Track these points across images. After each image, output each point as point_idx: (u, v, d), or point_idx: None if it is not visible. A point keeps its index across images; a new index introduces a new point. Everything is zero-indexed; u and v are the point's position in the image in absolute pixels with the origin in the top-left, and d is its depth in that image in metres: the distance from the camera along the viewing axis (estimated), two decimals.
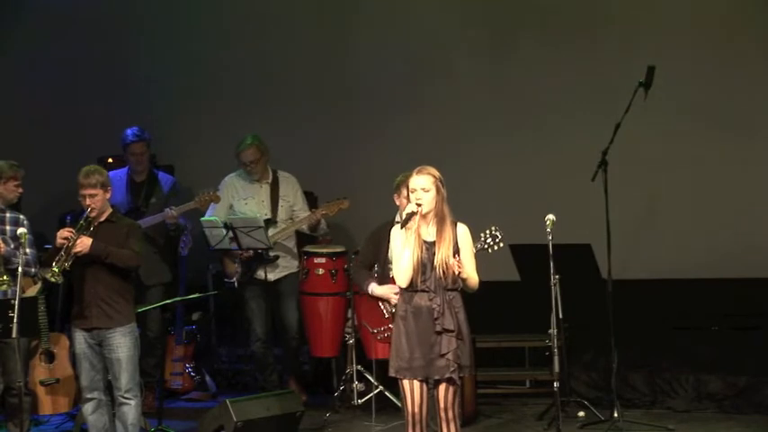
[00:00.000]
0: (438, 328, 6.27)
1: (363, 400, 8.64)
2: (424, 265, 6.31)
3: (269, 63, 10.53)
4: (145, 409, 7.96)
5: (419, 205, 6.29)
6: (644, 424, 8.28)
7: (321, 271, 9.06)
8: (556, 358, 7.33)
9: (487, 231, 7.36)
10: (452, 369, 6.27)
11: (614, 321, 8.22)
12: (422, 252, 6.30)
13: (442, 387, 6.32)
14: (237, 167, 9.26)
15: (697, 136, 9.61)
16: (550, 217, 7.41)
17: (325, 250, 9.16)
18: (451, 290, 6.35)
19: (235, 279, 9.13)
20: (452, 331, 6.28)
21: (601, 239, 8.25)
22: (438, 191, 6.32)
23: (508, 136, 10.00)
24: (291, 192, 9.25)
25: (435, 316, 6.27)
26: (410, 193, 6.34)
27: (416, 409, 6.34)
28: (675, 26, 9.65)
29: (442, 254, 6.29)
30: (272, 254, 9.03)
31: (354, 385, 8.68)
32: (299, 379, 9.40)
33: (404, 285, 6.34)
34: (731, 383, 8.84)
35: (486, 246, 7.34)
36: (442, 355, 6.27)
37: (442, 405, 6.32)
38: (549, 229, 7.39)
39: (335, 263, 9.06)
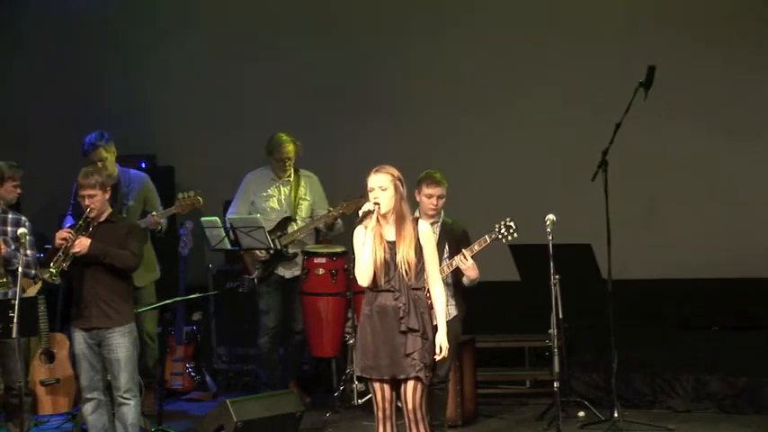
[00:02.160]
0: (403, 328, 6.26)
1: (363, 400, 8.63)
2: (388, 265, 6.29)
3: (270, 63, 10.53)
4: (145, 410, 7.98)
5: (377, 204, 6.29)
6: (644, 424, 8.28)
7: (321, 271, 9.05)
8: (556, 358, 7.34)
9: (502, 222, 7.37)
10: (418, 368, 6.24)
11: (614, 321, 8.22)
12: (384, 252, 6.29)
13: (410, 387, 6.28)
14: (261, 164, 9.23)
15: (697, 136, 9.62)
16: (550, 217, 7.42)
17: (325, 250, 9.16)
18: (416, 289, 6.33)
19: (255, 276, 9.13)
20: (417, 331, 6.27)
21: (601, 239, 8.24)
22: (396, 189, 6.31)
23: (508, 136, 10.00)
24: (312, 190, 9.25)
25: (401, 315, 6.26)
26: (368, 192, 6.34)
27: (386, 405, 6.35)
28: (676, 26, 9.65)
29: (404, 252, 6.28)
30: (291, 251, 9.04)
31: (354, 385, 8.66)
32: (299, 381, 9.40)
33: (365, 284, 6.32)
34: (731, 383, 8.83)
35: (500, 236, 7.35)
36: (408, 355, 6.26)
37: (409, 406, 6.29)
38: (549, 229, 7.40)
39: (335, 263, 9.05)
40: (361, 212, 6.30)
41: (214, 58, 10.67)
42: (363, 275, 6.31)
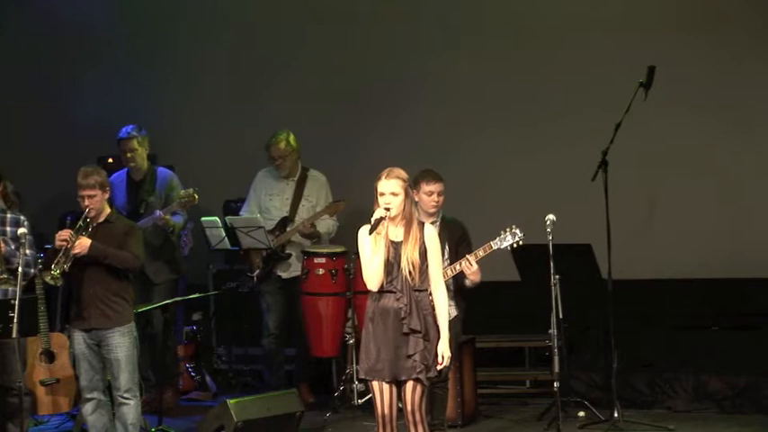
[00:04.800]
0: (405, 329, 6.25)
1: (363, 400, 8.63)
2: (391, 266, 6.30)
3: (270, 63, 10.53)
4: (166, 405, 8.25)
5: (387, 209, 6.29)
6: (644, 424, 8.28)
7: (321, 271, 9.05)
8: (556, 358, 7.34)
9: (508, 230, 7.37)
10: (419, 370, 6.24)
11: (614, 321, 8.22)
12: (389, 253, 6.30)
13: (409, 389, 6.28)
14: (260, 165, 9.27)
15: (697, 135, 9.61)
16: (550, 217, 7.43)
17: (325, 250, 9.16)
18: (419, 291, 6.33)
19: (255, 274, 9.14)
20: (419, 332, 6.26)
21: (601, 239, 8.24)
22: (407, 194, 6.32)
23: (508, 136, 10.00)
24: (316, 192, 9.23)
25: (402, 316, 6.26)
26: (379, 197, 6.33)
27: (386, 410, 6.34)
28: (675, 25, 9.65)
29: (408, 254, 6.28)
30: (286, 251, 9.04)
31: (354, 385, 8.67)
32: (305, 384, 9.38)
33: (375, 289, 6.32)
34: (731, 383, 8.84)
35: (505, 243, 7.35)
36: (409, 356, 6.26)
37: (409, 408, 6.29)
38: (549, 229, 7.40)
39: (335, 263, 9.05)
40: (373, 220, 6.30)
41: (214, 57, 10.67)
42: (375, 282, 6.31)
